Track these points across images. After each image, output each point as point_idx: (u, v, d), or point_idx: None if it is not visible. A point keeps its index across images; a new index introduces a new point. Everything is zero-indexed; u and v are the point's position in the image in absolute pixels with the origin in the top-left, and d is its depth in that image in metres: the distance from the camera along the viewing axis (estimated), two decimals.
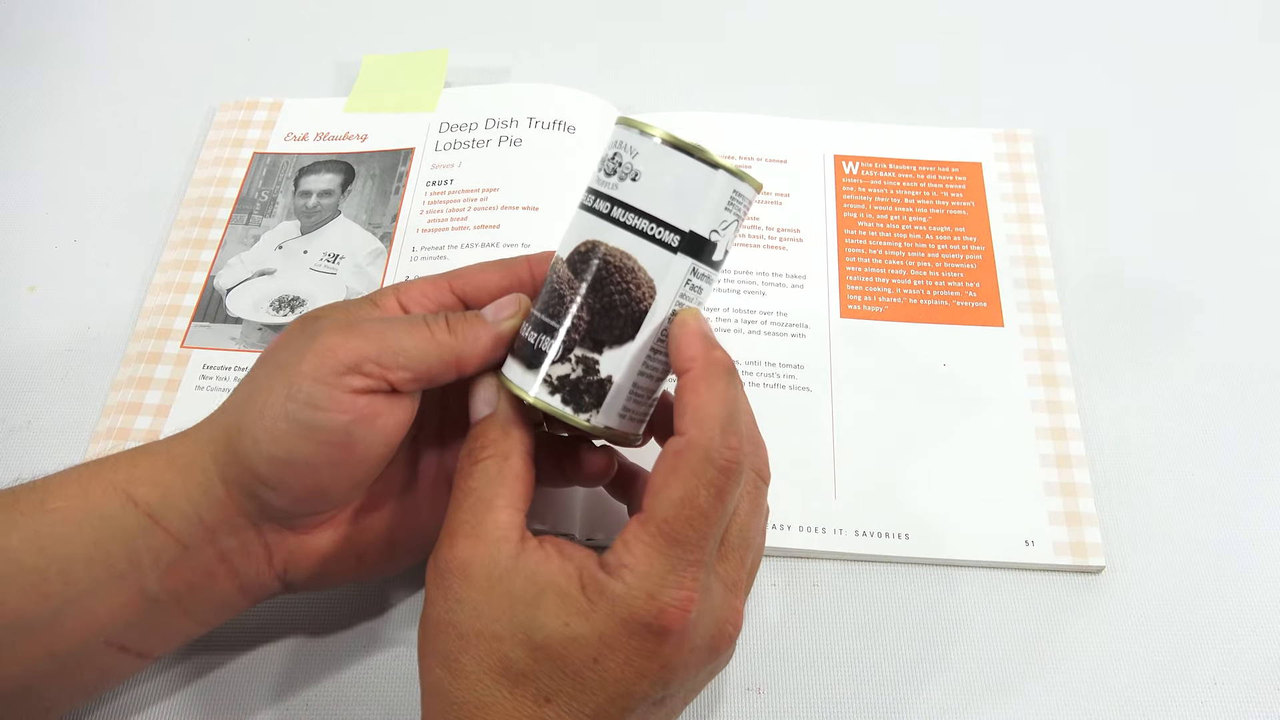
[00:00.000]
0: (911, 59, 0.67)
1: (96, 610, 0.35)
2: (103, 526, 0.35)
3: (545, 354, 0.36)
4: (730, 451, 0.34)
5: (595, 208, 0.37)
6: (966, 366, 0.52)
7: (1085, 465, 0.49)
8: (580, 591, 0.33)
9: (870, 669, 0.44)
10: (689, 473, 0.33)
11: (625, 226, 0.36)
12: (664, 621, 0.32)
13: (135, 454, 0.37)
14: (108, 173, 0.62)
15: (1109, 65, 0.66)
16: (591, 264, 0.36)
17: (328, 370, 0.35)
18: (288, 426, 0.35)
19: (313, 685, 0.44)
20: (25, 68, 0.67)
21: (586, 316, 0.36)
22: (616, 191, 0.36)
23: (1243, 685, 0.44)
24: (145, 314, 0.55)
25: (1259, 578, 0.46)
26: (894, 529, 0.47)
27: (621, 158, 0.36)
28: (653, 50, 0.68)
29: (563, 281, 0.37)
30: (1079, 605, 0.46)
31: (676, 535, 0.33)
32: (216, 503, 0.36)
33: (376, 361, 0.35)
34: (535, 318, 0.37)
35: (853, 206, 0.59)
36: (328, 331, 0.36)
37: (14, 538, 0.34)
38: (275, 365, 0.36)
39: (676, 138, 0.36)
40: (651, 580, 0.32)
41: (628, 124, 0.36)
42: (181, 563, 0.36)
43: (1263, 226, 0.58)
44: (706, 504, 0.33)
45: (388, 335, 0.36)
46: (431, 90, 0.64)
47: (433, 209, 0.58)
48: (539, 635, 0.32)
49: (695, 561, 0.33)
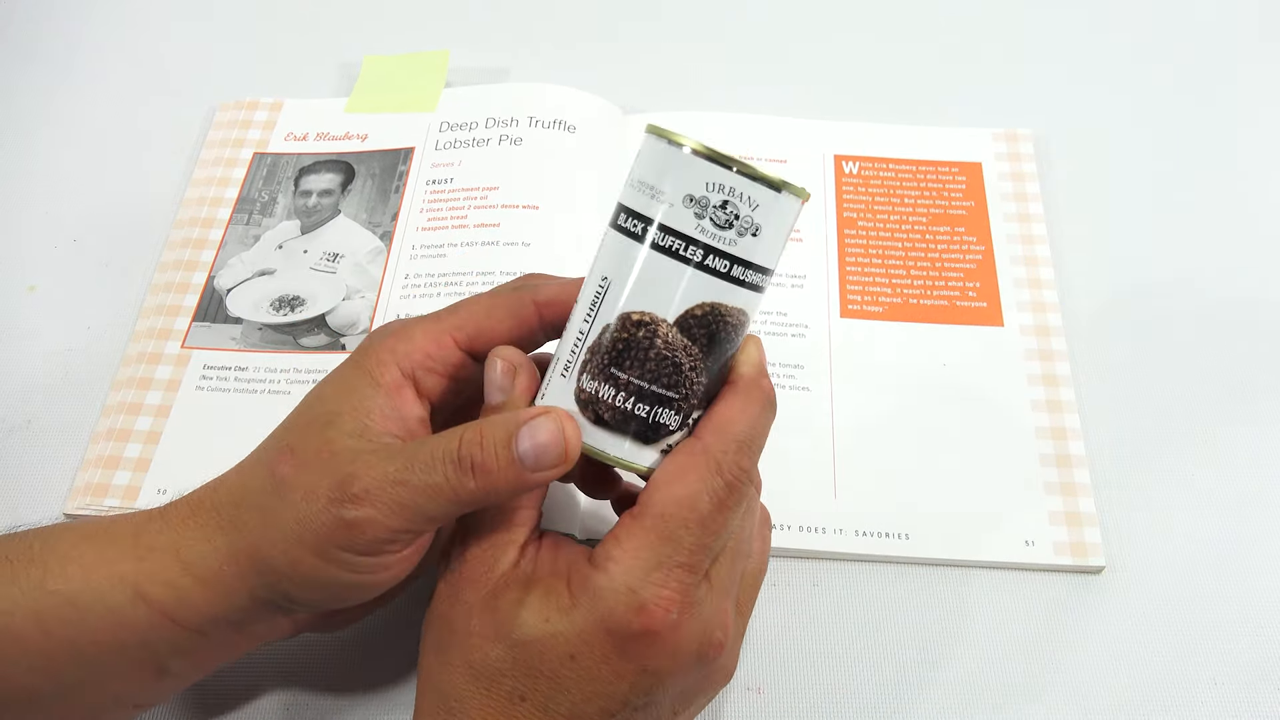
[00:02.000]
0: (912, 59, 0.67)
1: (110, 686, 0.35)
2: (111, 617, 0.33)
3: (666, 426, 0.34)
4: (740, 471, 0.33)
5: (710, 265, 0.33)
6: (966, 366, 0.52)
7: (1085, 465, 0.49)
8: (565, 586, 0.32)
9: (870, 669, 0.44)
10: (695, 476, 0.32)
11: (745, 285, 0.34)
12: (643, 619, 0.31)
13: (138, 545, 0.35)
14: (108, 173, 0.62)
15: (1109, 65, 0.66)
16: (710, 328, 0.34)
17: (365, 546, 0.33)
18: (329, 582, 0.33)
19: (317, 678, 0.44)
20: (25, 68, 0.67)
21: (704, 380, 0.34)
22: (736, 249, 0.33)
23: (1243, 685, 0.44)
24: (145, 314, 0.55)
25: (1259, 578, 0.46)
26: (894, 529, 0.47)
27: (738, 210, 0.33)
28: (653, 50, 0.68)
29: (676, 349, 0.33)
30: (1079, 605, 0.46)
31: (669, 533, 0.32)
32: (241, 609, 0.34)
33: (411, 530, 0.33)
34: (640, 387, 0.33)
35: (853, 206, 0.59)
36: (356, 504, 0.32)
37: (15, 616, 0.33)
38: (298, 518, 0.33)
39: (794, 186, 0.33)
40: (635, 575, 0.32)
41: (730, 163, 0.32)
42: (202, 647, 0.35)
43: (1263, 226, 0.58)
44: (706, 511, 0.32)
45: (416, 511, 0.32)
46: (432, 90, 0.64)
47: (432, 208, 0.58)
48: (518, 633, 0.32)
49: (684, 564, 0.32)
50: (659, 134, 0.33)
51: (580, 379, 0.34)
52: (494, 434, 0.33)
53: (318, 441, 0.34)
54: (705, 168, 0.32)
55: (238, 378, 0.53)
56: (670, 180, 0.33)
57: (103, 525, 0.36)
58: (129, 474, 0.49)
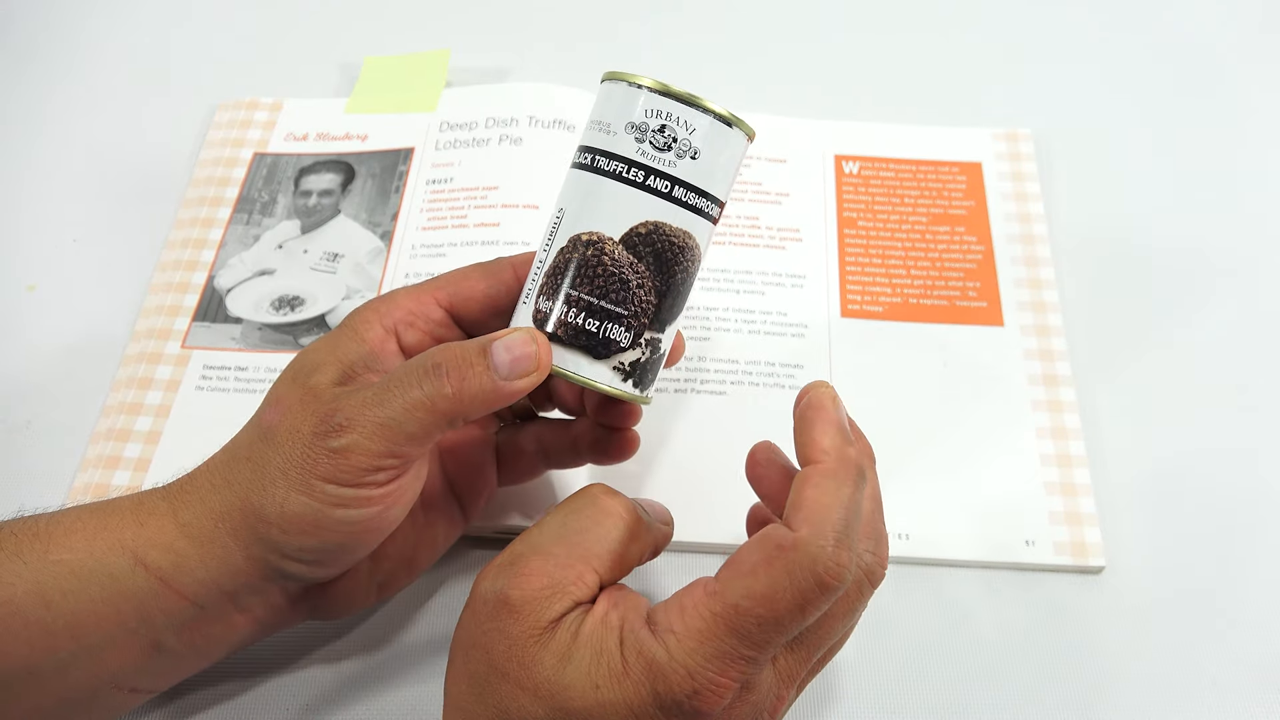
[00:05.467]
0: (912, 59, 0.67)
1: (107, 661, 0.35)
2: (111, 585, 0.34)
3: (616, 342, 0.36)
4: (838, 569, 0.31)
5: (651, 185, 0.35)
6: (966, 366, 0.52)
7: (1085, 465, 0.49)
8: (618, 648, 0.31)
9: (870, 669, 0.44)
10: (783, 573, 0.30)
11: (687, 206, 0.36)
12: (695, 703, 0.30)
13: (140, 511, 0.36)
14: (108, 173, 0.62)
15: (1109, 65, 0.67)
16: (655, 246, 0.36)
17: (349, 475, 0.34)
18: (315, 522, 0.34)
19: (324, 676, 0.44)
20: (25, 68, 0.67)
21: (654, 300, 0.36)
22: (676, 170, 0.35)
23: (1243, 685, 0.44)
24: (145, 314, 0.55)
25: (1259, 578, 0.46)
26: (894, 529, 0.47)
27: (675, 132, 0.35)
28: (653, 50, 0.68)
29: (622, 265, 0.35)
30: (1079, 605, 0.46)
31: (740, 628, 0.30)
32: (236, 572, 0.35)
33: (394, 455, 0.34)
34: (589, 302, 0.35)
35: (853, 206, 0.59)
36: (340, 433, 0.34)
37: (18, 589, 0.33)
38: (285, 456, 0.34)
39: (728, 113, 0.36)
40: (695, 657, 0.30)
41: (666, 91, 0.35)
42: (198, 620, 0.36)
43: (1263, 227, 0.58)
44: (786, 613, 0.30)
45: (396, 429, 0.34)
46: (432, 91, 0.64)
47: (432, 207, 0.58)
48: (563, 696, 0.31)
49: (747, 658, 0.31)
50: (608, 77, 0.37)
51: (537, 301, 0.36)
52: (468, 346, 0.35)
53: (301, 390, 0.36)
54: (644, 95, 0.35)
55: (238, 378, 0.53)
56: (614, 113, 0.36)
57: (108, 500, 0.37)
58: (129, 474, 0.49)
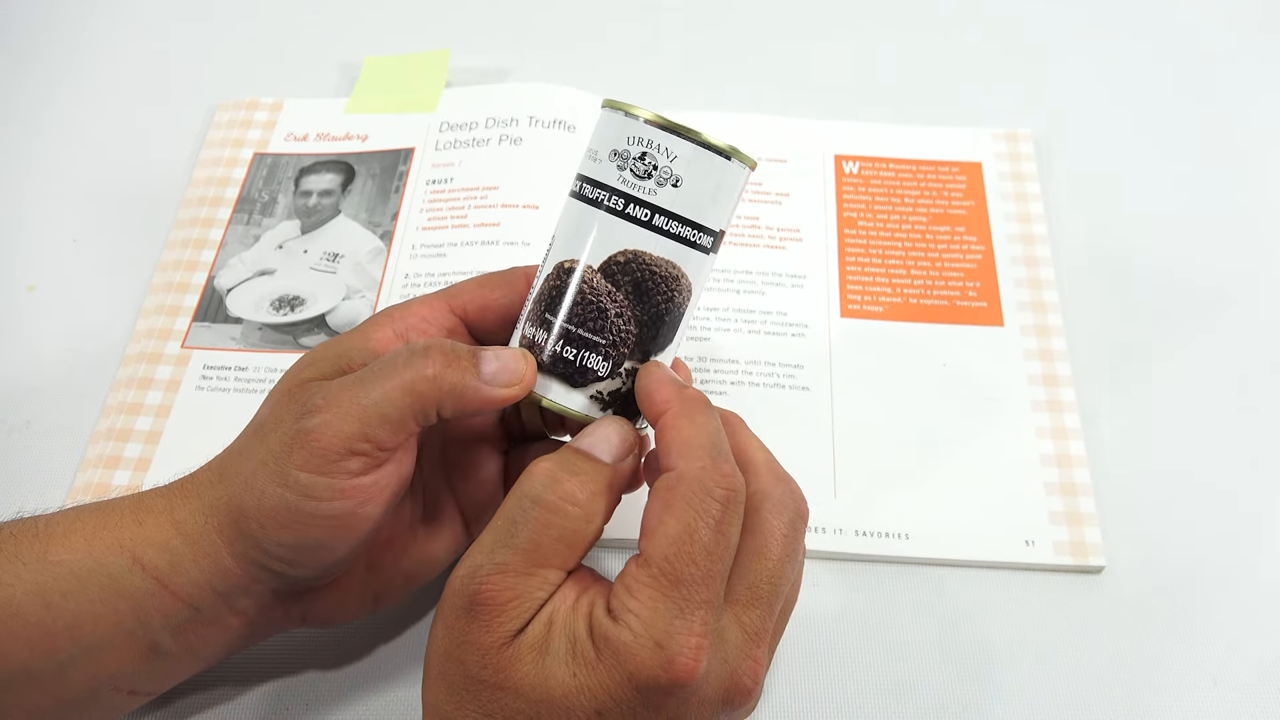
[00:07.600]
0: (912, 59, 0.67)
1: (105, 663, 0.35)
2: (109, 585, 0.34)
3: (593, 370, 0.35)
4: (725, 479, 0.32)
5: (630, 214, 0.35)
6: (967, 366, 0.52)
7: (1085, 465, 0.49)
8: (588, 635, 0.32)
9: (870, 669, 0.44)
10: (684, 507, 0.32)
11: (669, 235, 0.35)
12: (673, 674, 0.30)
13: (139, 510, 0.36)
14: (108, 173, 0.62)
15: (1109, 65, 0.67)
16: (634, 275, 0.35)
17: (320, 461, 0.33)
18: (290, 515, 0.34)
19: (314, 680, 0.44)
20: (25, 68, 0.67)
21: (634, 330, 0.35)
22: (656, 198, 0.35)
23: (1243, 685, 0.44)
24: (145, 314, 0.55)
25: (1259, 578, 0.46)
26: (894, 529, 0.47)
27: (656, 160, 0.34)
28: (653, 50, 0.68)
29: (600, 294, 0.35)
30: (1079, 605, 0.46)
31: (679, 575, 0.31)
32: (227, 573, 0.35)
33: (367, 439, 0.34)
34: (566, 329, 0.35)
35: (853, 206, 0.59)
36: (315, 413, 0.34)
37: (18, 590, 0.33)
38: (267, 446, 0.34)
39: (714, 140, 0.35)
40: (657, 627, 0.31)
41: (648, 119, 0.35)
42: (194, 622, 0.36)
43: (1263, 227, 0.58)
44: (707, 538, 0.31)
45: (371, 409, 0.34)
46: (432, 91, 0.64)
47: (433, 207, 0.58)
48: (544, 688, 0.31)
49: (703, 602, 0.31)
50: (604, 104, 0.36)
51: (524, 327, 0.37)
52: (461, 345, 0.35)
53: (294, 383, 0.36)
54: (627, 123, 0.35)
55: (238, 378, 0.53)
56: (601, 140, 0.36)
57: (110, 499, 0.37)
58: (129, 474, 0.49)
